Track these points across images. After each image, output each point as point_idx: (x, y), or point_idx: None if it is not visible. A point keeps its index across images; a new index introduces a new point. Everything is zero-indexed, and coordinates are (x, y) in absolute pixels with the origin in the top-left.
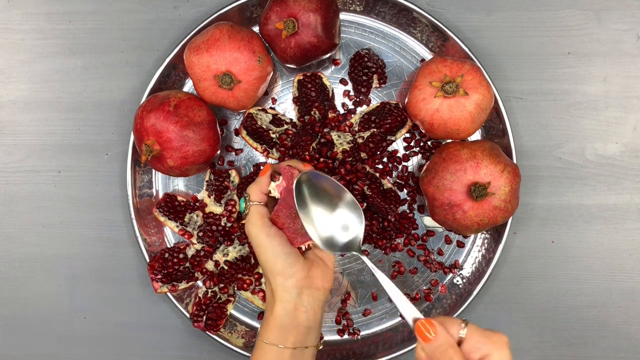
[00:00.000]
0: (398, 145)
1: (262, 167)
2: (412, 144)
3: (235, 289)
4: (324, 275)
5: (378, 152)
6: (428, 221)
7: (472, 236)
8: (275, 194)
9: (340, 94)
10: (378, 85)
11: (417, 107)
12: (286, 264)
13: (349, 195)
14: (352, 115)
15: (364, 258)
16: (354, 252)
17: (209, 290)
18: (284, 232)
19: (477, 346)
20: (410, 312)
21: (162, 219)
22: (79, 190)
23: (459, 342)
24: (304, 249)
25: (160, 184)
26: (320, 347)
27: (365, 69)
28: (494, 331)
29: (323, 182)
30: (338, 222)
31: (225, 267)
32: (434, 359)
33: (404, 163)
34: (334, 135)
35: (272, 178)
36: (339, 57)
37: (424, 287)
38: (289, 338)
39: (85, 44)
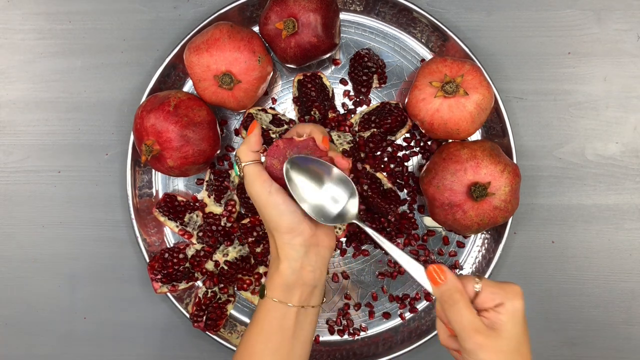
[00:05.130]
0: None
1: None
2: (412, 144)
3: (235, 289)
4: (329, 233)
5: (378, 152)
6: (428, 221)
7: (472, 236)
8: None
9: (340, 94)
10: (378, 85)
11: (417, 107)
12: (293, 221)
13: (335, 171)
14: (352, 115)
15: (363, 225)
16: (355, 222)
17: (209, 290)
18: None
19: (490, 296)
20: (417, 265)
21: (162, 219)
22: (79, 190)
23: (476, 297)
24: None
25: (160, 184)
26: (324, 301)
27: (365, 69)
28: (508, 283)
29: (309, 164)
30: (327, 195)
31: (225, 267)
32: (442, 302)
33: (405, 163)
34: (334, 135)
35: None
36: (339, 57)
37: (424, 288)
38: (294, 296)
39: (85, 44)
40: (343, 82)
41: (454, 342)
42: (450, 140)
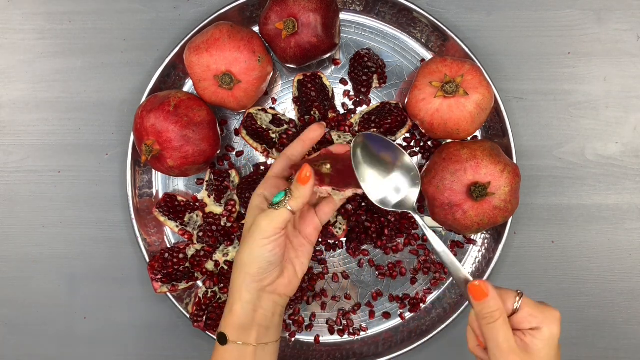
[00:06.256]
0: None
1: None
2: (412, 144)
3: None
4: (290, 284)
5: None
6: (428, 221)
7: (472, 236)
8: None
9: (340, 94)
10: (378, 85)
11: (417, 107)
12: (263, 270)
13: (405, 158)
14: (352, 115)
15: (417, 217)
16: (408, 211)
17: (209, 290)
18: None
19: (528, 318)
20: (464, 274)
21: (162, 219)
22: (79, 190)
23: (513, 313)
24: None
25: (160, 184)
26: (281, 337)
27: (365, 69)
28: (547, 306)
29: (379, 145)
30: (391, 184)
31: (225, 267)
32: (481, 318)
33: None
34: (334, 135)
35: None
36: (339, 57)
37: (424, 287)
38: (250, 336)
39: (85, 44)
40: (343, 82)
41: (482, 353)
42: (450, 140)
